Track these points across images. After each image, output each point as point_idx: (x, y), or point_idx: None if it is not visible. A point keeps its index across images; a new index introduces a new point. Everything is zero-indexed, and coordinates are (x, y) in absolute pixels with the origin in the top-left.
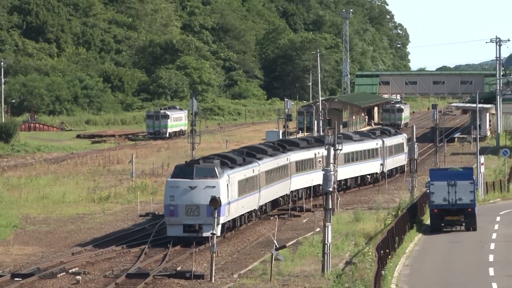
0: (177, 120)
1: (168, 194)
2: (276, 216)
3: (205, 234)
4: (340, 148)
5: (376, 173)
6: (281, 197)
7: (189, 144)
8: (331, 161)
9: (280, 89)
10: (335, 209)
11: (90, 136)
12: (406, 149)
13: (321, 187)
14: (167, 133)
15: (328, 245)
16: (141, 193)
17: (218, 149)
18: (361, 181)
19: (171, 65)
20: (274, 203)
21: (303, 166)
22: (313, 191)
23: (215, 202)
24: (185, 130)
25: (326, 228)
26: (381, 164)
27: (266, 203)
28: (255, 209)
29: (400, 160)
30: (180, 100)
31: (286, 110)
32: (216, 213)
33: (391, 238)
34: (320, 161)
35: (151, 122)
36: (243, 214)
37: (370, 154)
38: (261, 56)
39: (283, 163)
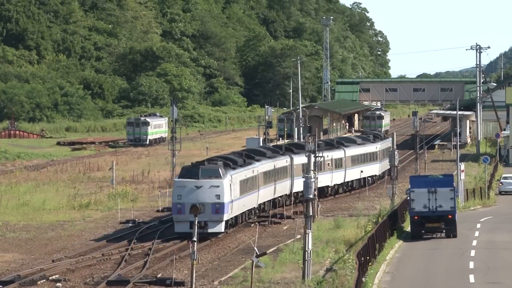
0: (158, 127)
1: (175, 193)
2: (256, 223)
3: (210, 230)
4: (321, 155)
5: (375, 175)
6: (280, 196)
7: (170, 151)
8: (312, 168)
9: (261, 96)
10: (316, 216)
11: (70, 143)
12: None
13: (329, 187)
14: (148, 140)
15: (309, 252)
16: (121, 200)
17: (199, 156)
18: (363, 183)
19: (151, 72)
20: (274, 203)
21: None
22: (320, 192)
23: (195, 209)
24: (165, 137)
25: (307, 235)
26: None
27: (264, 202)
28: (254, 207)
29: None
30: (161, 107)
31: (267, 117)
32: (196, 220)
33: (372, 245)
34: (329, 163)
35: (132, 129)
36: (244, 212)
37: (371, 157)
38: (241, 63)
39: (282, 164)
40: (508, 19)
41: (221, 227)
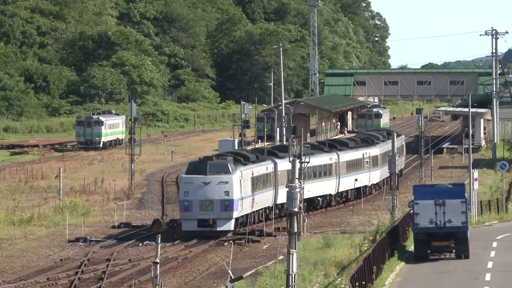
0: (113, 127)
1: (182, 190)
2: (231, 241)
3: (219, 228)
4: (308, 160)
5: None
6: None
7: (127, 156)
8: (296, 175)
9: (236, 91)
10: (302, 233)
11: (9, 146)
12: (404, 151)
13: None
14: (101, 143)
15: (293, 276)
16: (70, 214)
17: (162, 161)
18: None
19: (105, 62)
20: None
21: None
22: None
23: (158, 225)
24: (122, 139)
25: (291, 255)
26: None
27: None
28: (269, 206)
29: (401, 163)
30: (117, 103)
31: (243, 115)
32: (159, 238)
33: (368, 267)
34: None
35: (82, 130)
36: (257, 211)
37: (386, 158)
38: (213, 51)
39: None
40: None
41: (230, 225)
